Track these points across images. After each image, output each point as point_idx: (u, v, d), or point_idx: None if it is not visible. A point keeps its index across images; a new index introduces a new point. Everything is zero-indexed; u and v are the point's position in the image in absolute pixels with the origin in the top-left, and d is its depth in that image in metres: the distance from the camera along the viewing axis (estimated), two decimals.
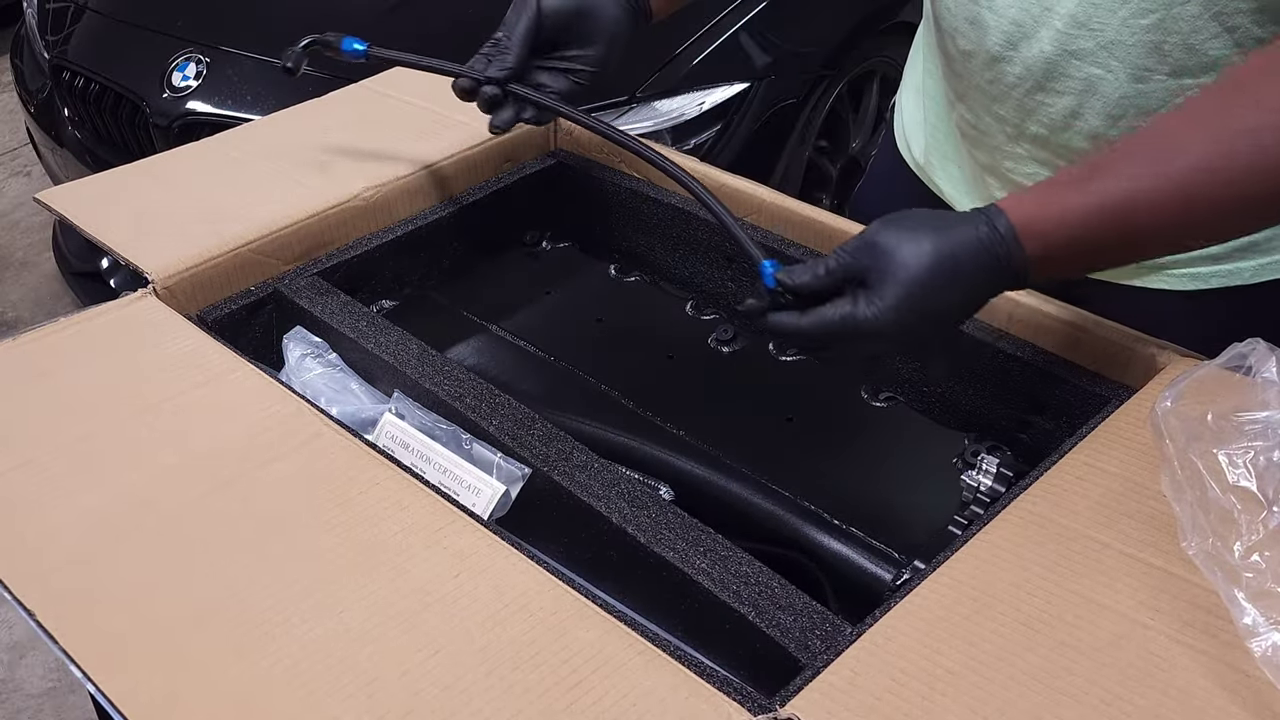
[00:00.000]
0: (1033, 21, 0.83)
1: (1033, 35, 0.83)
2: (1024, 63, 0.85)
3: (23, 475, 0.72)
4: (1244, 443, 0.62)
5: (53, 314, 2.37)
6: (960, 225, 0.70)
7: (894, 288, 0.69)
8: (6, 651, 1.95)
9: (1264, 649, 0.56)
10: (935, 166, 1.04)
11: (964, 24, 0.88)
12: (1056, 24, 0.82)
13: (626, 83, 1.90)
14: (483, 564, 0.65)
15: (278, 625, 0.61)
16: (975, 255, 0.69)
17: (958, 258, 0.69)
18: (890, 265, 0.69)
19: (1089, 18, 0.80)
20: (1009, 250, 0.69)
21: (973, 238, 0.70)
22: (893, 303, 0.69)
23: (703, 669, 0.60)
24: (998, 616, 0.61)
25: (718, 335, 1.00)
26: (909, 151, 1.09)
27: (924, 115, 1.05)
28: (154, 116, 2.04)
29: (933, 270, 0.69)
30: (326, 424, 0.75)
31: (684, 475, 0.84)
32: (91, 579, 0.64)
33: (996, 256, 0.69)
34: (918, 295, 0.69)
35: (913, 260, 0.69)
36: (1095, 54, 0.81)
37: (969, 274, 0.70)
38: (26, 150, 3.16)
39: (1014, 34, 0.84)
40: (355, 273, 1.00)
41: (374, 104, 1.17)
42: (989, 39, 0.86)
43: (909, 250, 0.69)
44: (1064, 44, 0.82)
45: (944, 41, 0.94)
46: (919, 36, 1.08)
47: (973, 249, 0.69)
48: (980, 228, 0.70)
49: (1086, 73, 0.82)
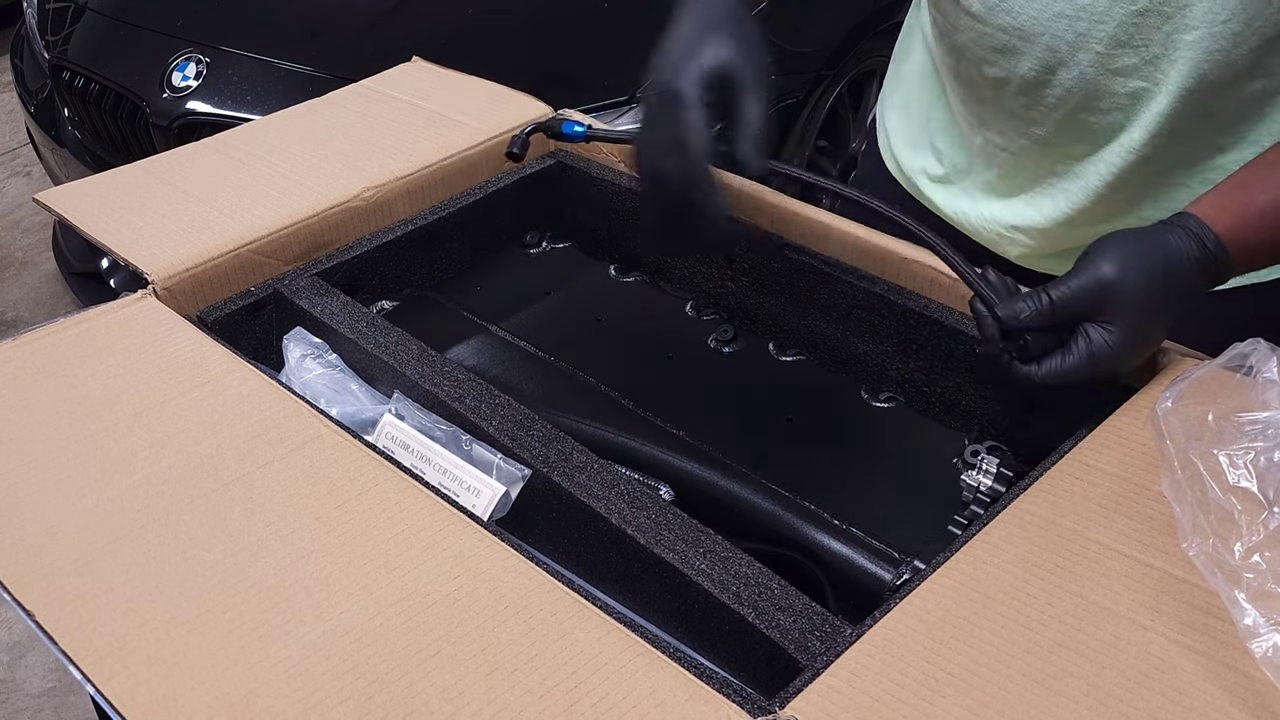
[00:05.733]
0: (1068, 47, 0.82)
1: (1070, 60, 0.83)
2: (1063, 85, 0.84)
3: (23, 475, 0.72)
4: (1244, 443, 0.62)
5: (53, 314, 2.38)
6: (1173, 247, 0.72)
7: (1126, 322, 0.72)
8: (6, 651, 1.95)
9: (1264, 650, 0.56)
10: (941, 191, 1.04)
11: (991, 53, 0.87)
12: (1096, 47, 0.82)
13: (627, 83, 1.90)
14: (482, 565, 0.65)
15: (277, 626, 0.61)
16: (1191, 275, 0.73)
17: (1174, 279, 0.72)
18: (1119, 302, 0.71)
19: (1130, 37, 0.80)
20: (1218, 264, 0.73)
21: (1186, 256, 0.72)
22: (1127, 336, 0.72)
23: (702, 670, 0.60)
24: (997, 617, 0.61)
25: (718, 335, 1.00)
26: (899, 170, 1.08)
27: (929, 140, 1.04)
28: (154, 116, 2.04)
29: (1160, 301, 0.72)
30: (326, 425, 0.75)
31: (684, 475, 0.84)
32: (91, 579, 0.64)
33: (1209, 273, 0.73)
34: (1148, 326, 0.73)
35: (1141, 295, 0.71)
36: (1141, 69, 0.82)
37: (1186, 293, 0.73)
38: (26, 150, 3.16)
39: (1050, 60, 0.84)
40: (355, 273, 1.00)
41: (374, 104, 1.17)
42: (1021, 66, 0.85)
43: (1134, 282, 0.71)
44: (1106, 64, 0.82)
45: (967, 70, 0.92)
46: (916, 63, 1.06)
47: (1187, 269, 0.72)
48: (1191, 246, 0.73)
49: (1132, 87, 0.83)
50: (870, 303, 0.92)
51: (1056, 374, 0.73)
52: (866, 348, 0.95)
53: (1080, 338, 0.73)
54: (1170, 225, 0.74)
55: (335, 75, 1.84)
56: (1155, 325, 0.74)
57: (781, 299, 0.99)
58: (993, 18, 0.85)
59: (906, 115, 1.07)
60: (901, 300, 0.91)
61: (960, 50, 0.91)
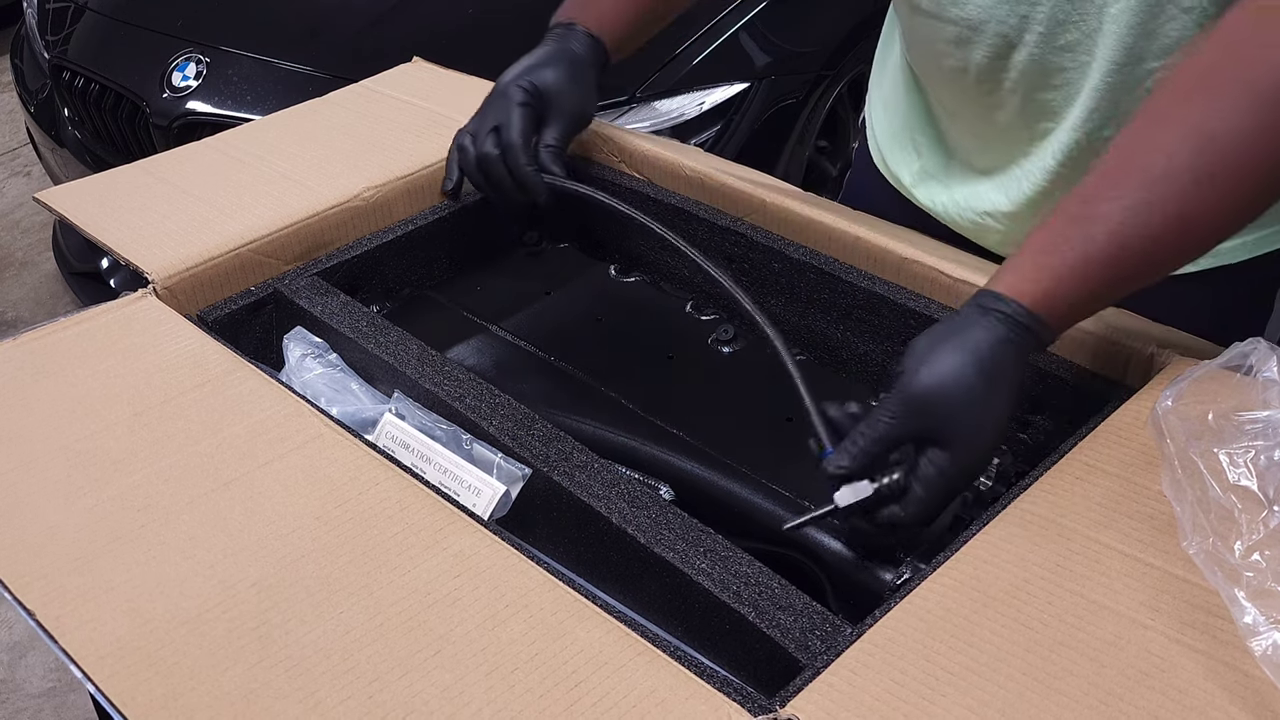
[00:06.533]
0: (1015, 31, 0.85)
1: (1019, 43, 0.85)
2: (1017, 68, 0.87)
3: (23, 475, 0.72)
4: (1245, 442, 0.62)
5: (53, 314, 2.38)
6: (986, 335, 0.68)
7: (960, 435, 0.68)
8: (6, 651, 1.95)
9: (1264, 648, 0.56)
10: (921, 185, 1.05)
11: (948, 46, 0.90)
12: (1039, 28, 0.84)
13: (627, 83, 1.90)
14: (483, 564, 0.65)
15: (277, 626, 0.61)
16: (1014, 359, 0.69)
17: (997, 371, 0.68)
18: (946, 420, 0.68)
19: (1067, 15, 0.82)
20: (1038, 336, 0.69)
21: (1004, 342, 0.68)
22: (967, 450, 0.68)
23: (703, 669, 0.60)
24: (997, 617, 0.61)
25: (718, 335, 1.00)
26: (885, 167, 1.10)
27: (909, 135, 1.06)
28: (154, 116, 2.04)
29: (984, 399, 0.68)
30: (326, 424, 0.75)
31: (684, 475, 0.84)
32: (91, 579, 0.64)
33: (1026, 345, 0.69)
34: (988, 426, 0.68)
35: (962, 403, 0.67)
36: (1083, 43, 0.83)
37: (1014, 376, 0.69)
38: (26, 150, 3.16)
39: (1000, 45, 0.86)
40: (355, 273, 1.00)
41: (374, 104, 1.17)
42: (976, 54, 0.88)
43: (957, 391, 0.67)
44: (1051, 42, 0.84)
45: (930, 64, 0.95)
46: (894, 62, 1.08)
47: (1008, 354, 0.68)
48: (1006, 330, 0.68)
49: (1079, 61, 0.84)
50: (870, 303, 0.92)
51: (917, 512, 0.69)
52: (866, 348, 0.95)
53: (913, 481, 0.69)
54: (977, 311, 0.70)
55: (335, 75, 1.83)
56: (994, 424, 0.69)
57: (781, 299, 0.99)
58: (943, 13, 0.88)
59: (887, 113, 1.10)
60: (901, 300, 0.91)
61: (921, 46, 0.94)
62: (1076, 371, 0.83)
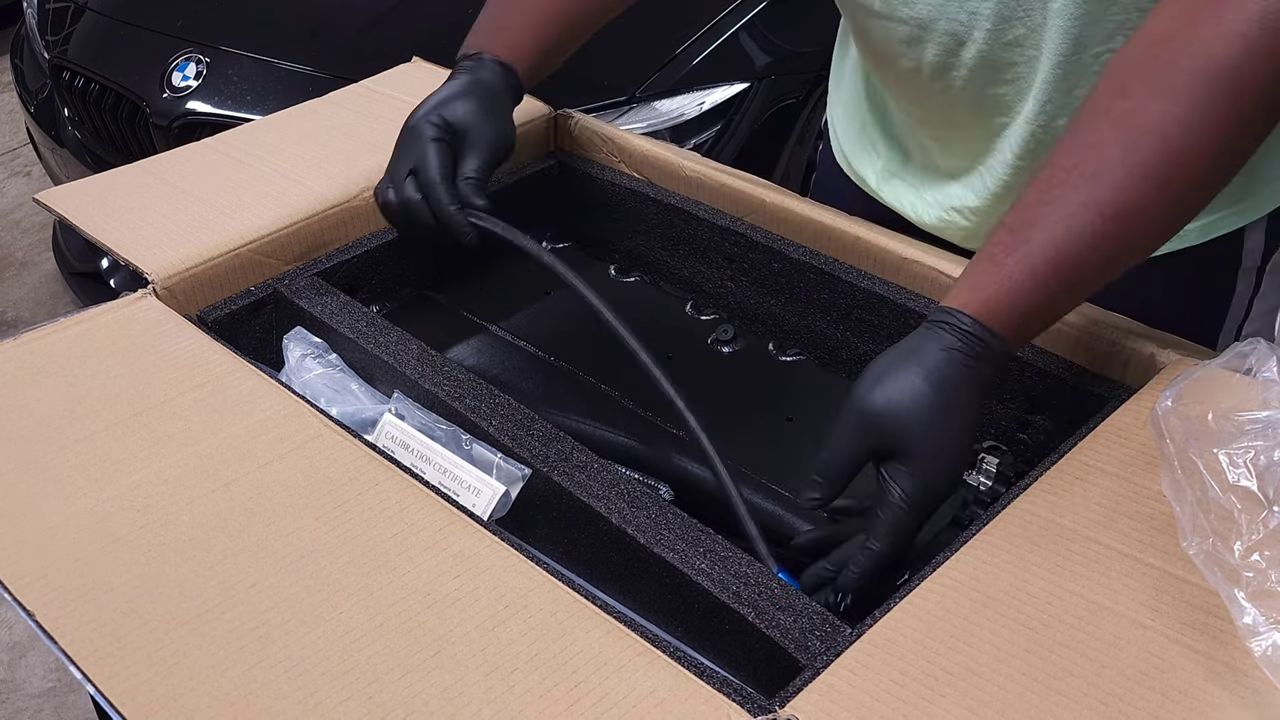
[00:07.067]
0: (964, 28, 0.85)
1: (968, 39, 0.86)
2: (968, 65, 0.87)
3: (23, 475, 0.72)
4: (1244, 442, 0.62)
5: (53, 314, 2.38)
6: (934, 346, 0.68)
7: (918, 448, 0.67)
8: (6, 651, 1.95)
9: (1264, 648, 0.56)
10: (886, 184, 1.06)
11: (900, 45, 0.90)
12: (986, 24, 0.84)
13: (627, 83, 1.90)
14: (482, 565, 0.65)
15: (277, 626, 0.61)
16: (965, 369, 0.68)
17: (947, 382, 0.68)
18: (901, 432, 0.67)
19: (1012, 11, 0.82)
20: (989, 346, 0.69)
21: (952, 351, 0.68)
22: (928, 463, 0.67)
23: (702, 670, 0.60)
24: (997, 617, 0.61)
25: (718, 335, 1.00)
26: (849, 167, 1.11)
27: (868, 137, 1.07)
28: (154, 116, 2.04)
29: (941, 409, 0.67)
30: (326, 425, 0.75)
31: (684, 475, 0.84)
32: (91, 579, 0.64)
33: (981, 357, 0.69)
34: (945, 438, 0.68)
35: (917, 410, 0.67)
36: (1029, 38, 0.83)
37: (969, 386, 0.69)
38: (26, 150, 3.16)
39: (950, 43, 0.87)
40: (355, 273, 1.00)
41: (374, 104, 1.17)
42: (928, 53, 0.88)
43: (907, 401, 0.67)
44: (999, 38, 0.84)
45: (884, 65, 0.95)
46: (850, 64, 1.10)
47: (956, 363, 0.68)
48: (954, 339, 0.68)
49: (1028, 56, 0.84)
50: (870, 303, 0.92)
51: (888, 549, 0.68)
52: (866, 348, 0.95)
53: (879, 509, 0.68)
54: (926, 326, 0.70)
55: (335, 75, 1.83)
56: (944, 434, 0.68)
57: (781, 299, 0.99)
58: (894, 13, 0.88)
59: (847, 115, 1.11)
60: (901, 300, 0.91)
61: (874, 48, 0.94)
62: (1076, 371, 0.83)
